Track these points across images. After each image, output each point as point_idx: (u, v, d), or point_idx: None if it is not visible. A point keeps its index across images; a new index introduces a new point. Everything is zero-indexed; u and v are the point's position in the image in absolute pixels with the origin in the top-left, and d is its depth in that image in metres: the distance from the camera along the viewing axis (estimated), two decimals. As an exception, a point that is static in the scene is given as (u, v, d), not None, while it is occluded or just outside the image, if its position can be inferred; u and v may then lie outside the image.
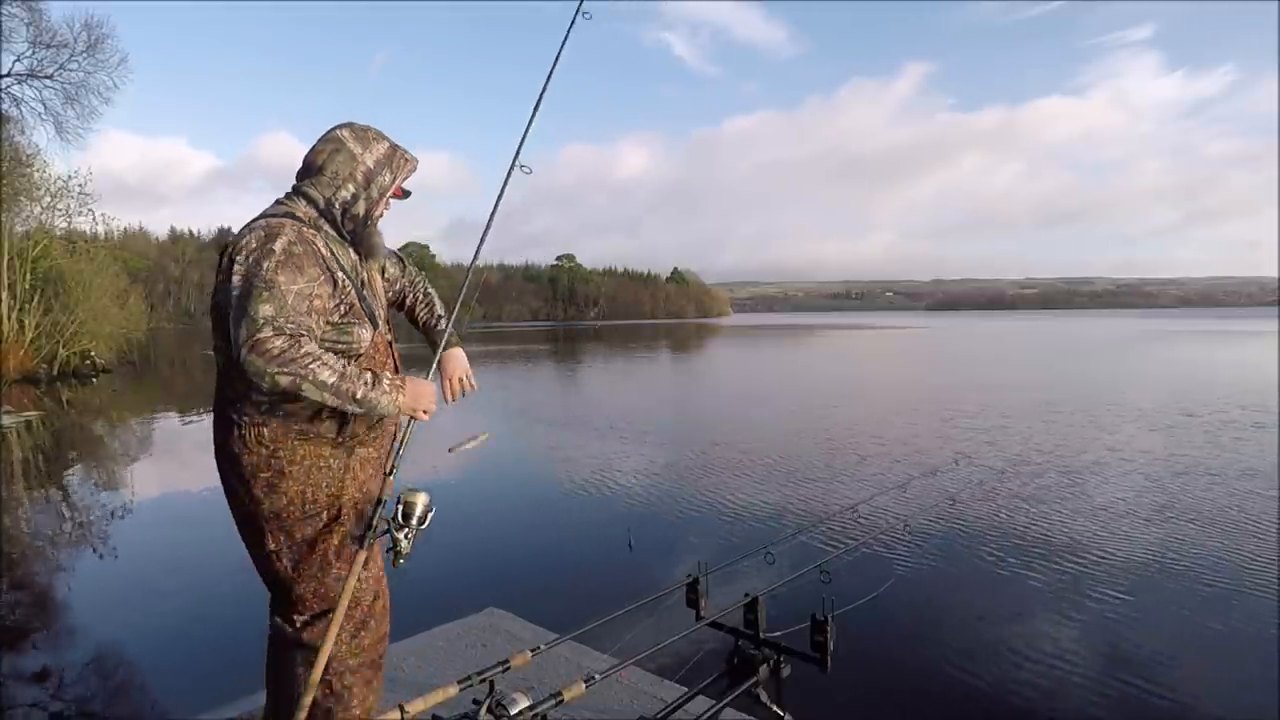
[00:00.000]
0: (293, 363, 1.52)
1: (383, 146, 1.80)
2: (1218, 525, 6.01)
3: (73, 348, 23.18)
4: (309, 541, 1.71)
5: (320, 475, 1.71)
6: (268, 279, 1.56)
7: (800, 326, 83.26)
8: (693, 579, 2.27)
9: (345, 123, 1.81)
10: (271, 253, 1.59)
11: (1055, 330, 58.57)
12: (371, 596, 1.80)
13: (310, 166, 1.76)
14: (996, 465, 8.40)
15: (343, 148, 1.75)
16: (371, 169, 1.77)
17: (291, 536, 1.70)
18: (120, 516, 7.05)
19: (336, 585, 1.72)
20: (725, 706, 1.99)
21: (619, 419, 12.56)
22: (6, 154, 21.45)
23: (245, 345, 1.52)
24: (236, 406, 1.68)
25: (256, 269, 1.58)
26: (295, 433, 1.68)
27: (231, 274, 1.60)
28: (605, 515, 6.72)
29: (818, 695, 2.46)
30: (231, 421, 1.68)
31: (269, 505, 1.68)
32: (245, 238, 1.64)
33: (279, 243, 1.61)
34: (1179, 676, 3.69)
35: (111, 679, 3.88)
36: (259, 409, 1.66)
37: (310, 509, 1.70)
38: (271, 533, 1.70)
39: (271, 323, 1.53)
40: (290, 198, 1.77)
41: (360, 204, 1.77)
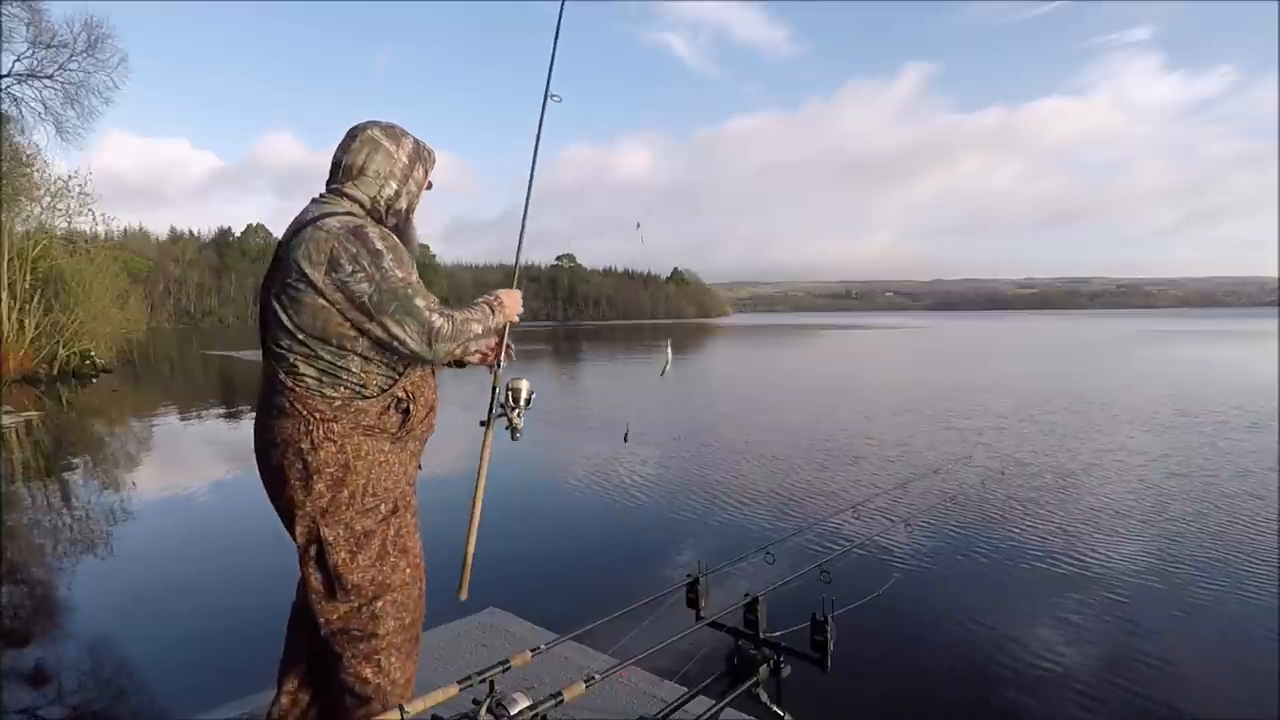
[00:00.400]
0: (459, 334, 1.73)
1: (410, 141, 1.87)
2: (1216, 526, 6.02)
3: (73, 348, 23.19)
4: (368, 533, 1.78)
5: (381, 470, 1.78)
6: (401, 276, 1.69)
7: (800, 326, 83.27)
8: (693, 579, 2.27)
9: (370, 121, 1.86)
10: (380, 253, 1.68)
11: (1054, 331, 58.58)
12: (415, 581, 1.89)
13: (350, 168, 1.81)
14: (996, 466, 8.40)
15: (379, 146, 1.82)
16: (406, 164, 1.85)
17: (351, 529, 1.77)
18: (120, 517, 7.05)
19: (392, 574, 1.82)
20: (725, 706, 1.99)
21: (619, 419, 12.56)
22: (6, 154, 21.44)
23: (425, 338, 1.68)
24: (307, 403, 1.71)
25: (379, 267, 1.67)
26: (362, 429, 1.74)
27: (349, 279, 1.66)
28: (605, 515, 6.72)
29: (818, 695, 2.46)
30: (300, 417, 1.71)
31: (332, 499, 1.74)
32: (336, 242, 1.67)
33: (378, 240, 1.70)
34: (1178, 676, 3.70)
35: (111, 679, 3.88)
36: (331, 405, 1.71)
37: (369, 502, 1.77)
38: (330, 525, 1.75)
39: (431, 310, 1.70)
40: (332, 198, 1.81)
41: (402, 199, 1.86)
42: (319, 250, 1.67)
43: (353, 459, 1.73)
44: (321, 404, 1.71)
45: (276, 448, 1.74)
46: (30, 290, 22.55)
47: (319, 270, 1.66)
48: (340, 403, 1.72)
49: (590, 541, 6.10)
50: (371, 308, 1.67)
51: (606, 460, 9.05)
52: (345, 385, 1.73)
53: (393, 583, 1.82)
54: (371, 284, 1.66)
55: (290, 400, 1.71)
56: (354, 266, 1.66)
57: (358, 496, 1.76)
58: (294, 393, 1.71)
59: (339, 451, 1.72)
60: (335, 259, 1.66)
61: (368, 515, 1.78)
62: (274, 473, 1.78)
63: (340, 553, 1.77)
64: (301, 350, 1.70)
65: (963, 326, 75.36)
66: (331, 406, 1.71)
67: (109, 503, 7.65)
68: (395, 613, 1.84)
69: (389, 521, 1.82)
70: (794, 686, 2.07)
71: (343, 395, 1.72)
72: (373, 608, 1.81)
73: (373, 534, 1.79)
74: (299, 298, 1.68)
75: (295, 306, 1.69)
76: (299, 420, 1.71)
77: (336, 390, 1.71)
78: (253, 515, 7.13)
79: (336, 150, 1.86)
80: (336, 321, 1.69)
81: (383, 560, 1.81)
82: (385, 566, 1.82)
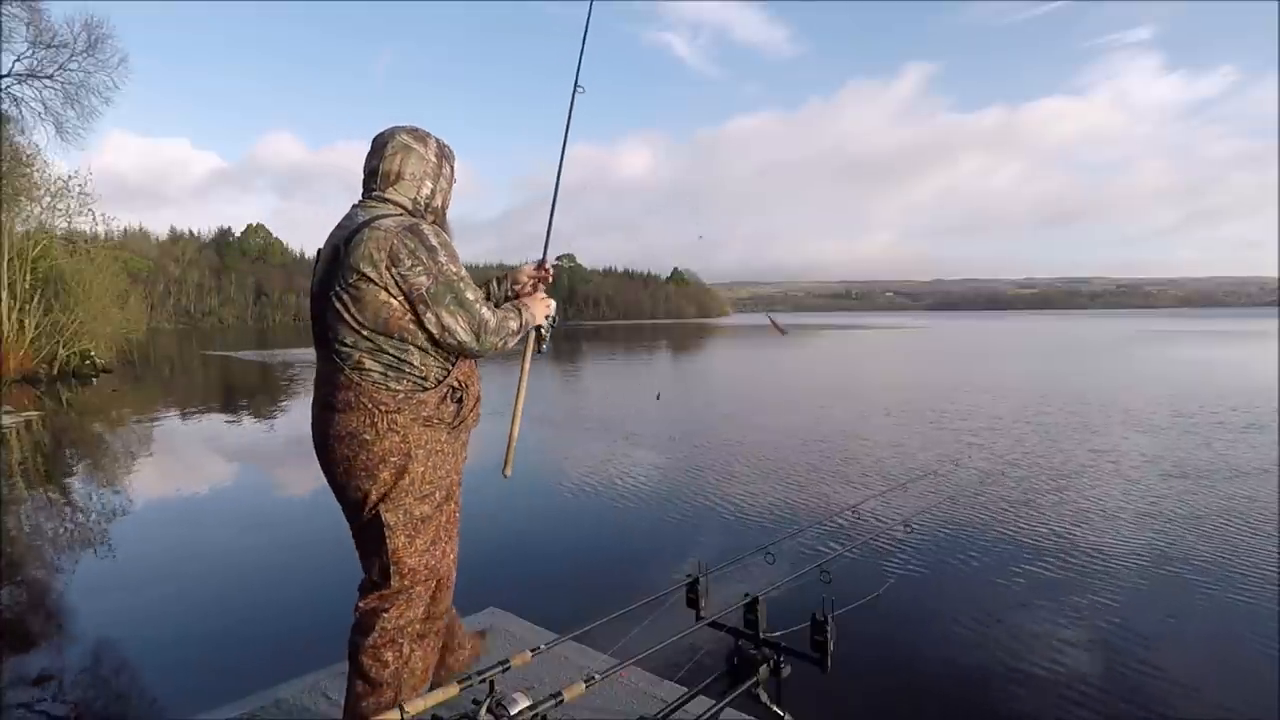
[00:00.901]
0: (500, 329, 1.89)
1: (434, 141, 2.00)
2: (1216, 526, 6.02)
3: (73, 348, 23.17)
4: (425, 518, 1.91)
5: (437, 459, 1.90)
6: (456, 271, 1.83)
7: (799, 326, 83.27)
8: (693, 579, 2.27)
9: (395, 127, 1.96)
10: (435, 249, 1.81)
11: (1053, 330, 58.58)
12: (453, 569, 2.04)
13: (389, 174, 1.92)
14: (996, 466, 8.40)
15: (411, 149, 1.93)
16: (436, 163, 1.98)
17: (410, 513, 1.88)
18: (120, 517, 7.05)
19: (441, 560, 1.97)
20: (725, 706, 1.99)
21: (619, 419, 12.56)
22: (6, 154, 21.43)
23: (474, 330, 1.84)
24: (373, 397, 1.81)
25: (435, 262, 1.80)
26: (421, 419, 1.86)
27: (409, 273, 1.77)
28: (605, 515, 6.72)
29: (818, 695, 2.46)
30: (365, 410, 1.81)
31: (394, 485, 1.85)
32: (395, 239, 1.78)
33: (432, 237, 1.82)
34: (1178, 676, 3.70)
35: (111, 679, 3.88)
36: (395, 398, 1.82)
37: (426, 489, 1.89)
38: (391, 510, 1.86)
39: (480, 304, 1.85)
40: (376, 203, 1.91)
41: (437, 197, 2.00)
42: (379, 248, 1.77)
43: (414, 448, 1.84)
44: (386, 396, 1.81)
45: (342, 440, 1.84)
46: (30, 290, 22.54)
47: (380, 267, 1.76)
48: (403, 395, 1.83)
49: (590, 541, 6.09)
50: (429, 299, 1.79)
51: (606, 460, 9.05)
52: (408, 378, 1.84)
53: (441, 569, 1.97)
54: (429, 276, 1.79)
55: (356, 394, 1.81)
56: (412, 261, 1.78)
57: (417, 483, 1.87)
58: (360, 387, 1.81)
59: (402, 441, 1.83)
60: (395, 254, 1.77)
61: (425, 501, 1.90)
62: (339, 464, 1.87)
63: (400, 537, 1.88)
64: (366, 346, 1.80)
65: (961, 326, 75.38)
66: (395, 399, 1.82)
67: (109, 503, 7.65)
68: (435, 599, 1.97)
69: (442, 508, 1.95)
70: (794, 686, 2.07)
71: (405, 388, 1.83)
72: (411, 593, 1.91)
73: (429, 519, 1.92)
74: (361, 295, 1.78)
75: (358, 304, 1.79)
76: (364, 413, 1.81)
77: (400, 383, 1.82)
78: (253, 515, 7.13)
79: (369, 159, 1.96)
80: (399, 315, 1.80)
81: (435, 545, 1.94)
82: (437, 551, 1.95)
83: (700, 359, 32.07)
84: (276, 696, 2.43)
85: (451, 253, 1.85)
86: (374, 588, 1.94)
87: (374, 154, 1.94)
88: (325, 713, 2.33)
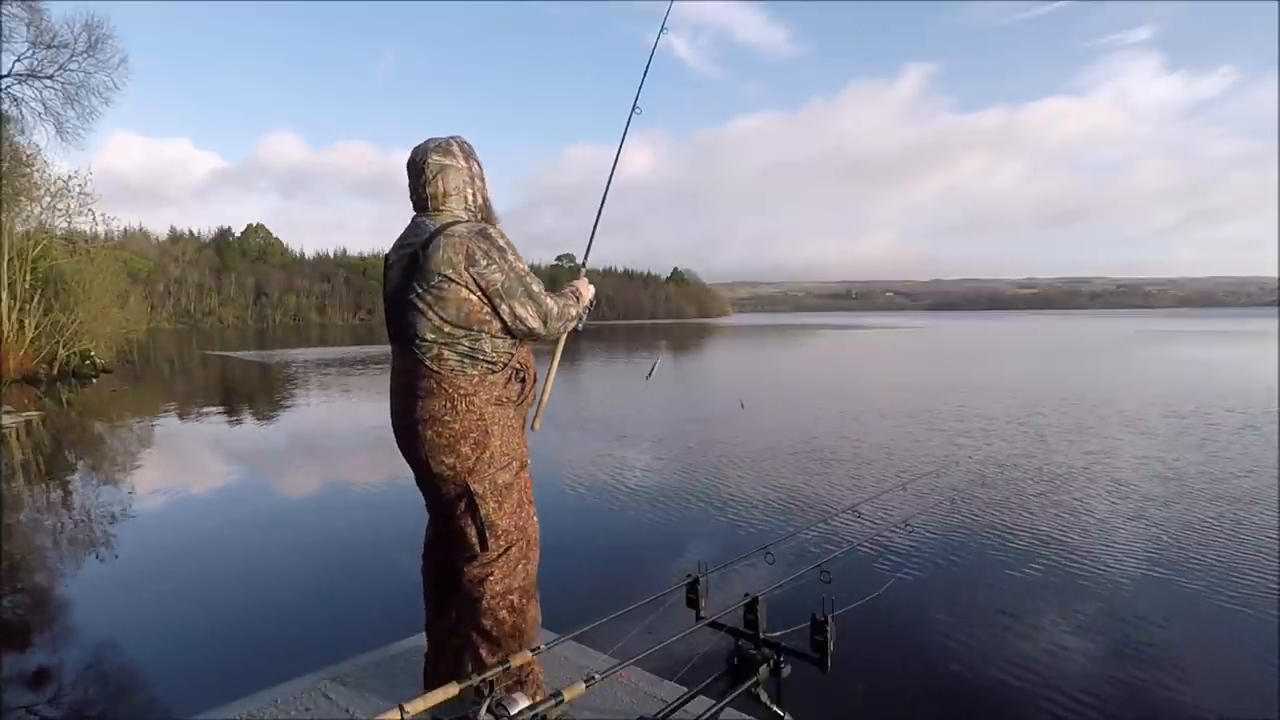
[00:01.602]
0: (563, 315, 2.17)
1: (455, 145, 2.16)
2: (1216, 526, 6.02)
3: (73, 348, 23.18)
4: (508, 485, 2.13)
5: (509, 433, 2.13)
6: (523, 268, 2.07)
7: (798, 326, 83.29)
8: (693, 579, 2.27)
9: (420, 149, 2.13)
10: (504, 249, 2.05)
11: (1051, 330, 58.58)
12: (536, 529, 2.25)
13: (436, 196, 2.11)
14: (995, 466, 8.41)
15: (444, 166, 2.12)
16: (466, 166, 2.16)
17: (494, 482, 2.10)
18: (119, 516, 7.05)
19: (528, 521, 2.20)
20: (725, 706, 1.99)
21: (619, 419, 12.56)
22: (7, 154, 21.44)
23: (542, 318, 2.10)
24: (452, 383, 2.03)
25: (505, 260, 2.04)
26: (494, 399, 2.09)
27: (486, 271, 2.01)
28: (605, 515, 6.72)
29: (818, 695, 2.47)
30: (445, 395, 2.03)
31: (477, 459, 2.07)
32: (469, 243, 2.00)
33: (498, 238, 2.06)
34: (1178, 676, 3.70)
35: (111, 679, 3.88)
36: (471, 382, 2.05)
37: (504, 460, 2.11)
38: (478, 481, 2.08)
39: (545, 294, 2.10)
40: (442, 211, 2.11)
41: (478, 196, 2.19)
42: (457, 251, 2.00)
43: (490, 424, 2.07)
44: (463, 381, 2.04)
45: (424, 422, 2.05)
46: (30, 290, 22.55)
47: (459, 267, 1.99)
48: (478, 379, 2.06)
49: (590, 541, 6.09)
50: (503, 293, 2.03)
51: (606, 460, 9.05)
52: (481, 363, 2.06)
53: (528, 529, 2.19)
54: (502, 273, 2.03)
55: (436, 382, 2.03)
56: (487, 260, 2.01)
57: (496, 456, 2.09)
58: (440, 375, 2.03)
59: (479, 419, 2.06)
60: (471, 255, 2.00)
61: (505, 470, 2.12)
62: (424, 443, 2.06)
63: (489, 503, 2.10)
64: (445, 340, 2.02)
65: (958, 327, 75.37)
66: (471, 383, 2.05)
67: (109, 503, 7.65)
68: (527, 558, 2.19)
69: (520, 475, 2.18)
70: (794, 686, 2.06)
71: (479, 372, 2.06)
72: (509, 554, 2.14)
73: (511, 486, 2.14)
74: (444, 295, 2.00)
75: (441, 303, 2.00)
76: (444, 398, 2.03)
77: (475, 369, 2.05)
78: (252, 515, 7.13)
79: (412, 183, 2.14)
80: (477, 309, 2.03)
81: (520, 508, 2.17)
82: (522, 514, 2.18)
83: (700, 359, 32.08)
84: (276, 696, 2.43)
85: (516, 251, 2.09)
86: (474, 556, 2.13)
87: (415, 179, 2.13)
88: (325, 713, 2.33)
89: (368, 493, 7.86)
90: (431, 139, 2.16)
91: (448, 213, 2.11)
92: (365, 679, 2.53)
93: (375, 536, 6.20)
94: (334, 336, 64.67)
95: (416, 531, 2.36)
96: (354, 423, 13.34)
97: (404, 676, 2.53)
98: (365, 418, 13.84)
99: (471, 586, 2.12)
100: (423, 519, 2.35)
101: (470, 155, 2.18)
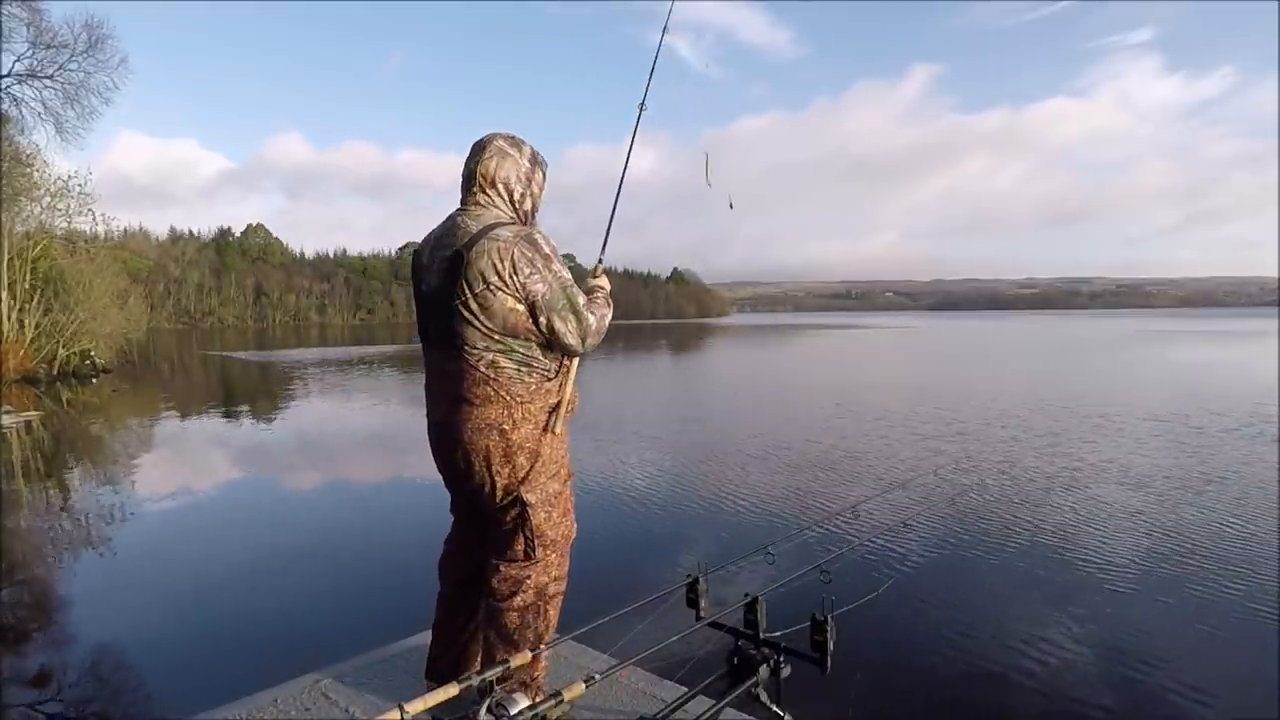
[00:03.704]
0: (600, 330, 2.07)
1: (529, 148, 2.13)
2: (1216, 526, 6.02)
3: (73, 348, 23.18)
4: (557, 494, 2.13)
5: (558, 442, 2.12)
6: (567, 278, 1.99)
7: (795, 326, 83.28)
8: (693, 579, 2.27)
9: (494, 133, 2.11)
10: (550, 258, 1.97)
11: (1050, 330, 58.56)
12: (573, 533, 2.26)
13: (485, 175, 2.05)
14: (996, 466, 8.41)
15: (506, 154, 2.07)
16: (529, 168, 2.11)
17: (546, 490, 2.09)
18: (119, 517, 7.04)
19: (571, 530, 2.22)
20: (725, 706, 1.99)
21: (619, 419, 12.56)
22: (6, 154, 21.43)
23: (581, 334, 2.00)
24: (510, 390, 1.98)
25: (551, 270, 1.95)
26: (549, 406, 2.06)
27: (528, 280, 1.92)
28: (605, 515, 6.72)
29: (818, 695, 2.46)
30: (503, 402, 1.98)
31: (531, 468, 2.05)
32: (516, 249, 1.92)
33: (544, 245, 1.97)
34: (1178, 677, 3.70)
35: (111, 679, 3.88)
36: (527, 390, 2.00)
37: (554, 468, 2.11)
38: (532, 490, 2.06)
39: (588, 309, 2.02)
40: (482, 205, 2.04)
41: (528, 201, 2.13)
42: (502, 258, 1.91)
43: (544, 434, 2.05)
44: (520, 389, 1.99)
45: (481, 431, 1.99)
46: (30, 290, 22.54)
47: (504, 275, 1.91)
48: (534, 386, 2.01)
49: (590, 541, 6.05)
50: (544, 304, 1.95)
51: (606, 460, 9.06)
52: (537, 371, 2.02)
53: (570, 537, 2.22)
54: (545, 284, 1.94)
55: (494, 389, 1.97)
56: (530, 269, 1.92)
57: (548, 465, 2.08)
58: (496, 382, 1.97)
59: (535, 428, 2.03)
60: (516, 263, 1.91)
61: (555, 479, 2.12)
62: (476, 453, 2.01)
63: (540, 513, 2.09)
64: (498, 347, 1.96)
65: (956, 327, 75.35)
66: (528, 390, 2.00)
67: (108, 503, 7.65)
68: (561, 564, 2.19)
69: (567, 484, 2.18)
70: (794, 686, 2.06)
71: (535, 380, 2.01)
72: (549, 559, 2.13)
73: (560, 494, 2.15)
74: (490, 303, 1.92)
75: (487, 311, 1.93)
76: (502, 405, 1.98)
77: (531, 376, 2.00)
78: (252, 515, 7.13)
79: (468, 161, 2.08)
80: (524, 319, 1.95)
81: (566, 516, 2.19)
82: (567, 521, 2.19)
83: (700, 359, 32.08)
84: (276, 696, 2.43)
85: (560, 260, 2.00)
86: (513, 560, 2.11)
87: (472, 156, 2.07)
88: (325, 713, 2.33)
89: (368, 493, 7.86)
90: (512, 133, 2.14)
91: (488, 206, 2.03)
92: (365, 679, 2.52)
93: (375, 536, 6.20)
94: (334, 337, 64.68)
95: (416, 531, 2.37)
96: (354, 423, 13.34)
97: (404, 676, 2.53)
98: (365, 418, 13.85)
99: (503, 588, 2.09)
100: (423, 519, 2.36)
101: (537, 164, 2.14)
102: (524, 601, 2.09)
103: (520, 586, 2.09)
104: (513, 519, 2.09)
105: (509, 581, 2.10)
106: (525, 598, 2.09)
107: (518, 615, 2.09)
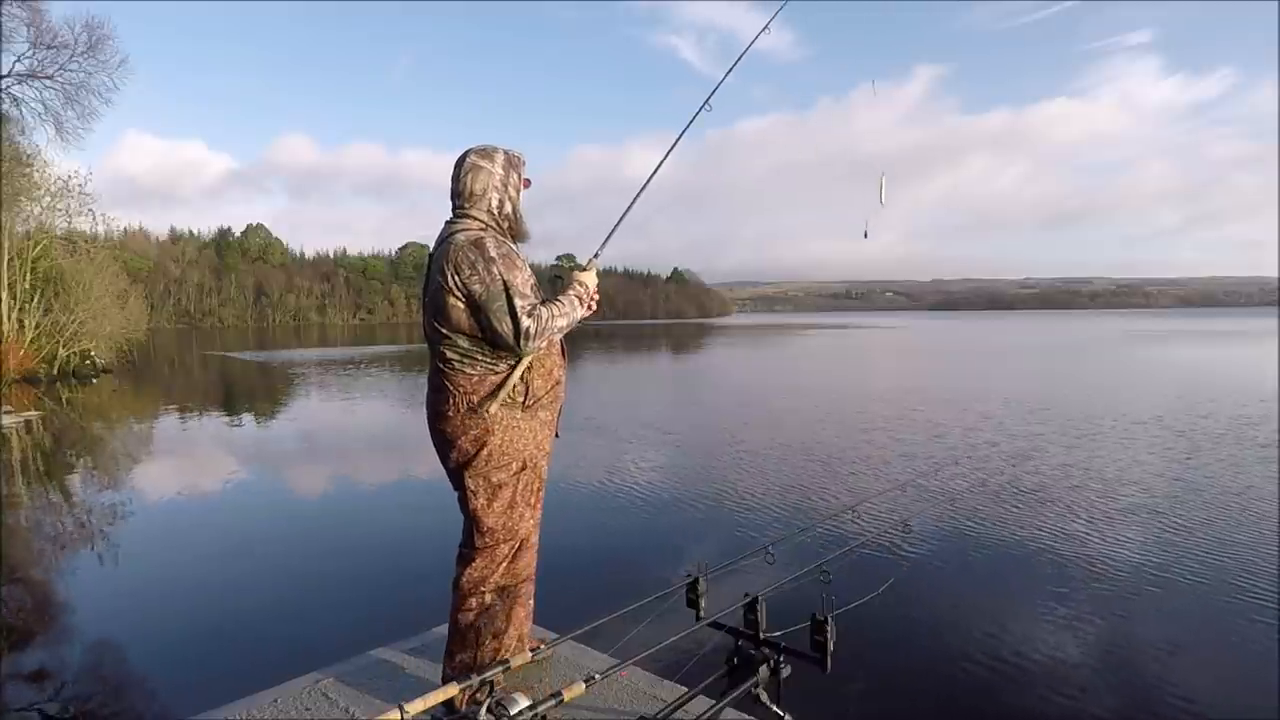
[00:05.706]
0: (544, 330, 2.09)
1: (500, 154, 2.24)
2: (1216, 526, 6.02)
3: (73, 348, 23.19)
4: (501, 485, 2.18)
5: (512, 434, 2.16)
6: (509, 279, 2.05)
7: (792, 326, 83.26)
8: (693, 579, 2.27)
9: (468, 150, 2.23)
10: (493, 260, 2.05)
11: (1048, 330, 58.54)
12: (532, 533, 2.29)
13: (463, 193, 2.19)
14: (996, 466, 8.41)
15: (479, 168, 2.19)
16: (503, 175, 2.22)
17: (488, 480, 2.16)
18: (119, 516, 7.05)
19: (519, 523, 2.22)
20: (725, 706, 1.99)
21: (619, 419, 12.55)
22: (7, 154, 21.43)
23: (521, 335, 2.04)
24: (455, 381, 2.11)
25: (490, 272, 2.04)
26: (497, 398, 2.12)
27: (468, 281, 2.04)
28: (605, 515, 6.71)
29: (818, 695, 2.46)
30: (449, 392, 2.12)
31: (474, 455, 2.14)
32: (460, 252, 2.06)
33: (493, 249, 2.07)
34: (1177, 677, 3.70)
35: (111, 678, 3.89)
36: (470, 380, 2.11)
37: (503, 459, 2.15)
38: (472, 477, 2.16)
39: (524, 312, 2.05)
40: (461, 219, 2.18)
41: (507, 204, 2.24)
42: (450, 260, 2.07)
43: (491, 424, 2.12)
44: (463, 380, 2.11)
45: (439, 417, 2.16)
46: (30, 290, 22.55)
47: (448, 275, 2.06)
48: (477, 378, 2.11)
49: (590, 541, 6.09)
50: (480, 304, 2.04)
51: (606, 460, 9.05)
52: (481, 364, 2.11)
53: (519, 530, 2.23)
54: (482, 285, 2.04)
55: (445, 379, 2.14)
56: (470, 270, 2.04)
57: (494, 455, 2.14)
58: (444, 373, 2.14)
59: (479, 418, 2.11)
60: (458, 264, 2.05)
61: (501, 470, 2.16)
62: (436, 437, 2.20)
63: (479, 499, 2.17)
64: (448, 341, 2.11)
65: (953, 327, 75.31)
66: (471, 382, 2.11)
67: (108, 503, 7.65)
68: (514, 559, 2.22)
69: (519, 476, 2.20)
70: (794, 686, 2.06)
71: (479, 371, 2.11)
72: (495, 551, 2.19)
73: (505, 485, 2.18)
74: (441, 300, 2.08)
75: (441, 310, 2.09)
76: (447, 394, 2.13)
77: (474, 368, 2.11)
78: (252, 515, 7.13)
79: (451, 181, 2.22)
80: (465, 315, 2.07)
81: (512, 509, 2.20)
82: (514, 515, 2.21)
83: (700, 359, 32.08)
84: (276, 696, 2.43)
85: (511, 262, 2.09)
86: (466, 549, 2.22)
87: (453, 177, 2.21)
88: (325, 713, 2.33)
89: (368, 493, 7.86)
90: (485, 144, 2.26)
91: (470, 216, 2.18)
92: (365, 679, 2.53)
93: (376, 536, 6.19)
94: (334, 337, 64.68)
95: (416, 531, 2.38)
96: (354, 423, 13.34)
97: (404, 676, 2.53)
98: (365, 418, 13.85)
99: (457, 578, 2.22)
100: (423, 519, 2.37)
101: (511, 165, 2.24)
102: (469, 593, 2.19)
103: (465, 577, 2.20)
104: (461, 503, 2.23)
105: (459, 571, 2.22)
106: (470, 588, 2.19)
107: (460, 602, 2.19)
